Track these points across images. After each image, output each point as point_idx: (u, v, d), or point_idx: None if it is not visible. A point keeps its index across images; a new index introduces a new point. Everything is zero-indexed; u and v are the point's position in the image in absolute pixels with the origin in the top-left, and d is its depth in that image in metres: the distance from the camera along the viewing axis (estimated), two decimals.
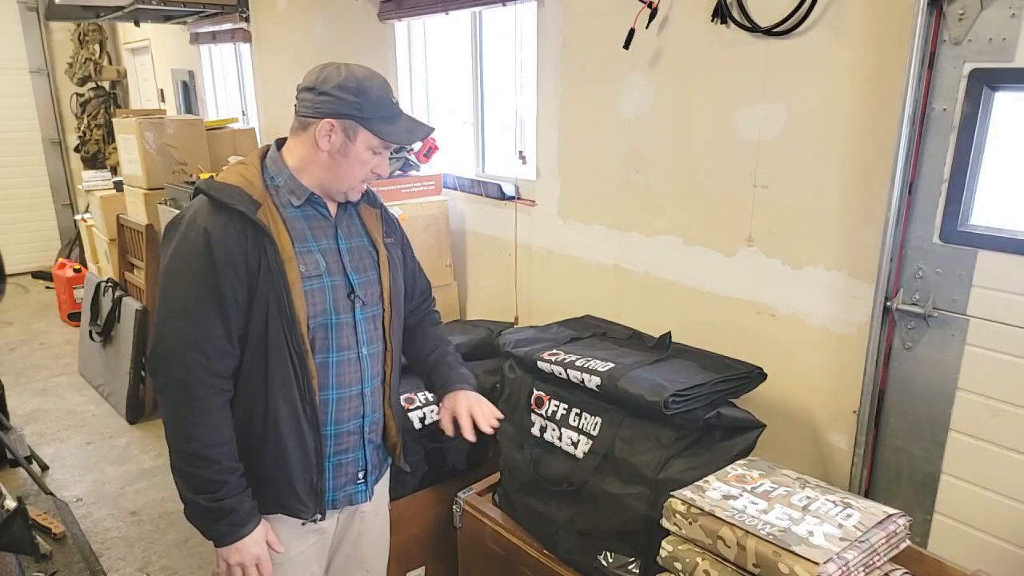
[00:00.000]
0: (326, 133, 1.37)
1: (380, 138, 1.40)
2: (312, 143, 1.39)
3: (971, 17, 1.55)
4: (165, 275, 1.36)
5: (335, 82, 1.36)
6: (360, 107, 1.36)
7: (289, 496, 1.45)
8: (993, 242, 1.60)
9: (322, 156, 1.39)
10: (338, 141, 1.38)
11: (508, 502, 2.02)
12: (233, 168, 1.43)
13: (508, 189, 2.88)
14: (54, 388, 4.24)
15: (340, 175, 1.42)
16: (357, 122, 1.37)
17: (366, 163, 1.41)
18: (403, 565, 2.28)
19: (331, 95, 1.36)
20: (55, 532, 2.32)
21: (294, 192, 1.41)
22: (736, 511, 1.39)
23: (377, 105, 1.38)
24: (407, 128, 1.44)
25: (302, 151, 1.41)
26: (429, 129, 1.48)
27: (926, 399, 1.76)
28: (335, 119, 1.36)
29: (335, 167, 1.40)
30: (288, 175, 1.41)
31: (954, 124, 1.62)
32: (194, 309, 1.32)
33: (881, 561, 1.35)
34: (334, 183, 1.43)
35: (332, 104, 1.36)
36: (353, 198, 1.47)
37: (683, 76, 2.16)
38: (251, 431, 1.41)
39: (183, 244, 1.34)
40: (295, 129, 1.42)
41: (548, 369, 1.91)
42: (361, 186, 1.46)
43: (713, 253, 2.18)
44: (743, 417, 1.73)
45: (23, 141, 6.58)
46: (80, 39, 6.64)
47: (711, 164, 2.13)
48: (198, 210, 1.35)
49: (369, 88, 1.38)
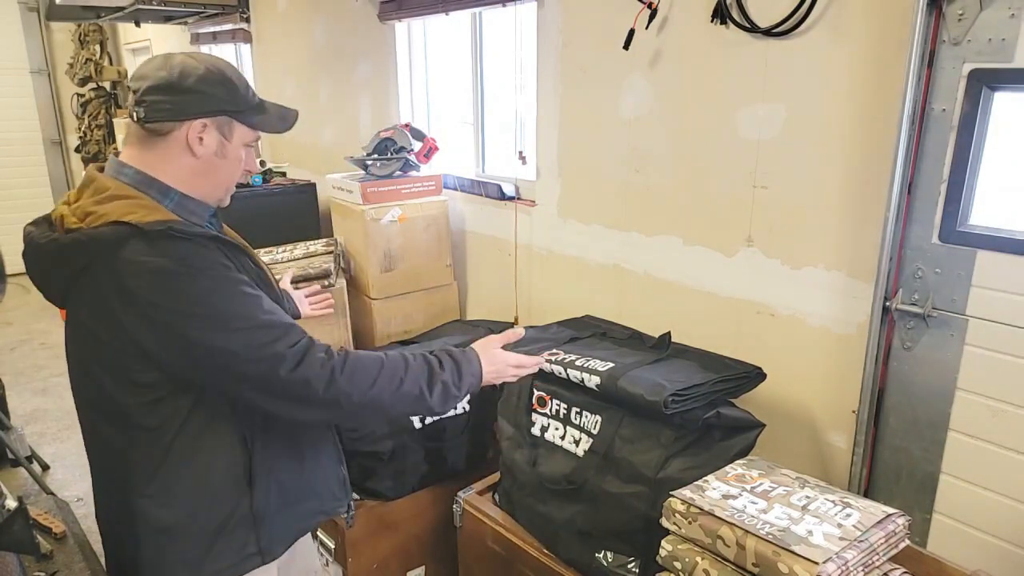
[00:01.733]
0: (197, 137, 1.19)
1: (256, 130, 1.27)
2: (180, 150, 1.20)
3: (970, 17, 1.56)
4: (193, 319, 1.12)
5: (196, 75, 1.18)
6: (231, 99, 1.21)
7: (328, 499, 1.43)
8: (992, 242, 1.60)
9: (196, 163, 1.21)
10: (213, 142, 1.21)
11: (508, 501, 2.02)
12: (126, 205, 1.15)
13: (508, 189, 2.89)
14: (54, 388, 4.24)
15: (219, 180, 1.26)
16: (231, 117, 1.22)
17: (242, 160, 1.28)
18: (403, 565, 2.28)
19: (197, 91, 1.18)
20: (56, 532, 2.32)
21: (194, 212, 1.24)
22: (735, 511, 1.39)
23: (245, 95, 1.24)
24: (279, 115, 1.31)
25: (170, 164, 1.20)
26: (295, 112, 1.35)
27: (925, 399, 1.76)
28: (208, 117, 1.20)
29: (213, 171, 1.24)
30: (178, 197, 1.22)
31: (953, 124, 1.62)
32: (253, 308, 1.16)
33: (880, 561, 1.35)
34: (212, 190, 1.27)
35: (200, 101, 1.18)
36: (226, 203, 1.33)
37: (683, 76, 2.16)
38: (281, 456, 1.31)
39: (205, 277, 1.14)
40: (145, 140, 1.20)
41: (548, 368, 1.91)
42: (233, 189, 1.33)
43: (713, 253, 2.18)
44: (743, 417, 1.73)
45: (24, 141, 6.59)
46: (81, 39, 6.64)
47: (711, 164, 2.14)
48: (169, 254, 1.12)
49: (233, 77, 1.23)
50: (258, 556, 1.29)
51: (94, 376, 1.19)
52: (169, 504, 1.22)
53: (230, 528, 1.26)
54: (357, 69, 3.74)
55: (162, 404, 1.18)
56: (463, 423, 2.28)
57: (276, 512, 1.31)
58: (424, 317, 2.99)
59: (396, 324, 2.92)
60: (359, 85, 3.75)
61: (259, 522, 1.28)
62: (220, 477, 1.24)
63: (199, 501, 1.23)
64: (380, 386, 1.21)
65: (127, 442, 1.22)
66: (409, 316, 2.96)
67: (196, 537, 1.24)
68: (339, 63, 3.88)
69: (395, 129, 3.11)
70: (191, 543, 1.24)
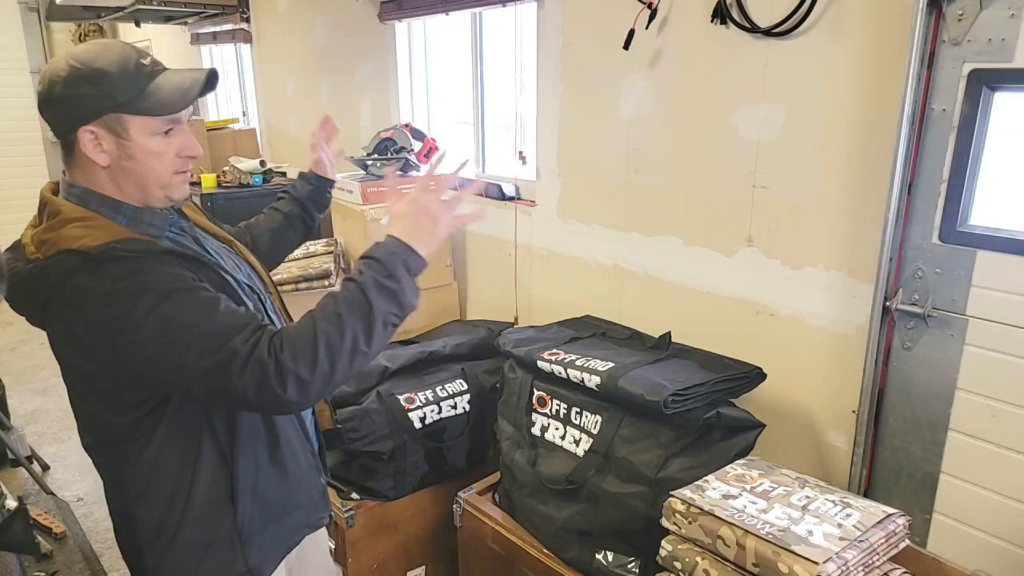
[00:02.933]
0: (94, 145, 1.09)
1: (154, 115, 1.10)
2: (88, 163, 1.10)
3: (970, 18, 1.56)
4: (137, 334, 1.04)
5: (61, 80, 1.07)
6: (107, 93, 1.07)
7: (312, 510, 1.40)
8: (992, 242, 1.60)
9: (108, 171, 1.12)
10: (112, 146, 1.10)
11: (508, 501, 2.02)
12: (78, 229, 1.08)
13: (508, 189, 2.89)
14: (55, 388, 4.24)
15: (143, 179, 1.13)
16: (116, 112, 1.08)
17: (163, 151, 1.13)
18: (403, 565, 2.28)
19: (64, 98, 1.07)
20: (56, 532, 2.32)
21: (152, 223, 1.17)
22: (735, 510, 1.40)
23: (128, 80, 1.09)
24: (177, 87, 1.12)
25: (94, 178, 1.12)
26: (208, 72, 1.15)
27: (925, 399, 1.76)
28: (89, 124, 1.08)
29: (132, 174, 1.12)
30: (130, 211, 1.15)
31: (953, 124, 1.62)
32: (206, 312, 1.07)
33: (880, 561, 1.35)
34: (144, 191, 1.15)
35: (72, 108, 1.07)
36: (178, 196, 1.20)
37: (683, 76, 2.16)
38: (262, 471, 1.26)
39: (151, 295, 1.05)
40: (65, 157, 1.13)
41: (548, 369, 1.91)
42: (181, 178, 1.19)
43: (713, 253, 2.18)
44: (742, 417, 1.73)
45: (23, 141, 6.59)
46: (81, 40, 6.64)
47: (711, 164, 2.14)
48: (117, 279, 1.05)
49: (105, 65, 1.08)
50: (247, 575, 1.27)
51: (85, 400, 1.19)
52: (157, 520, 1.21)
53: (216, 546, 1.23)
54: (357, 69, 3.74)
55: (142, 423, 1.16)
56: (463, 423, 2.28)
57: (262, 529, 1.28)
58: (424, 317, 2.99)
59: None
60: (359, 85, 3.75)
61: (245, 540, 1.25)
62: (203, 495, 1.20)
63: (184, 518, 1.21)
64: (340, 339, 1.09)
65: (117, 459, 1.21)
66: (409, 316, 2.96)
67: (185, 553, 1.22)
68: (339, 63, 3.88)
69: (395, 129, 3.11)
70: (182, 558, 1.22)
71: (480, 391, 2.32)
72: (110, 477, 1.26)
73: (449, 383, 2.30)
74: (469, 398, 2.30)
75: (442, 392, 2.26)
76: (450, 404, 2.26)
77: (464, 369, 2.37)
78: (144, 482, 1.20)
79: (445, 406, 2.25)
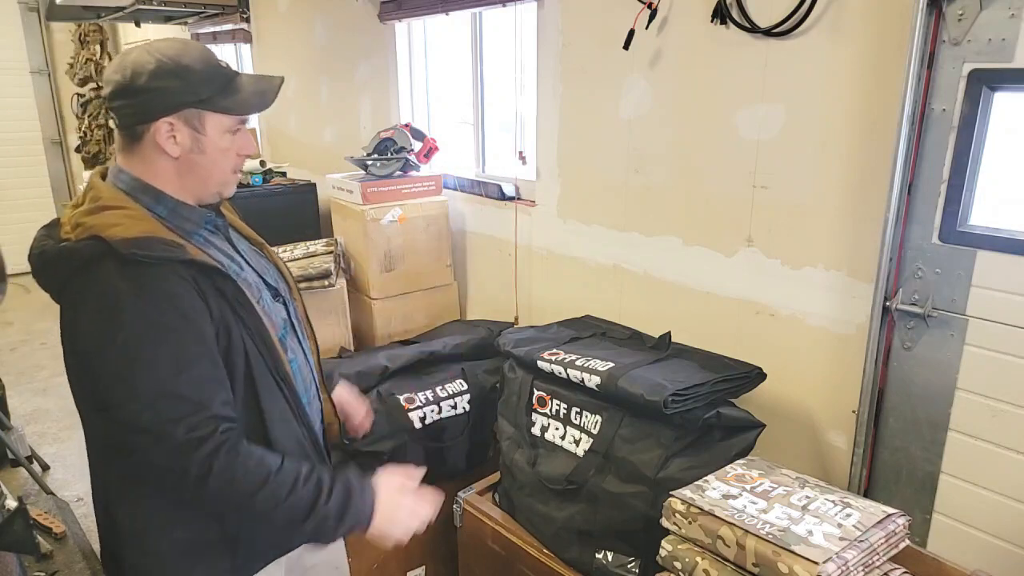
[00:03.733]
0: (169, 136, 1.14)
1: (231, 115, 1.17)
2: (157, 153, 1.15)
3: (970, 17, 1.56)
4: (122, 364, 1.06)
5: (147, 72, 1.11)
6: (190, 90, 1.12)
7: None
8: (992, 242, 1.60)
9: (176, 163, 1.16)
10: (186, 139, 1.15)
11: (508, 502, 2.02)
12: (113, 216, 1.11)
13: (508, 189, 2.89)
14: (55, 388, 4.24)
15: (206, 175, 1.19)
16: (197, 108, 1.14)
17: (228, 149, 1.19)
18: (403, 565, 2.28)
19: (150, 89, 1.11)
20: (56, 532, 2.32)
21: (188, 219, 1.20)
22: (736, 511, 1.39)
23: (210, 79, 1.14)
24: (256, 91, 1.19)
25: (152, 166, 1.16)
26: (279, 81, 1.23)
27: (925, 399, 1.76)
28: (170, 115, 1.13)
29: (198, 168, 1.17)
30: (172, 204, 1.18)
31: (953, 124, 1.62)
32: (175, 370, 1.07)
33: (880, 561, 1.35)
34: (203, 187, 1.20)
35: (157, 99, 1.11)
36: (228, 193, 1.25)
37: (683, 76, 2.16)
38: None
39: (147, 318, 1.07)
40: (126, 145, 1.16)
41: (548, 369, 1.91)
42: (235, 177, 1.25)
43: (713, 253, 2.18)
44: (742, 417, 1.73)
45: (24, 141, 6.58)
46: (81, 40, 6.64)
47: (711, 164, 2.14)
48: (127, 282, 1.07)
49: (191, 62, 1.13)
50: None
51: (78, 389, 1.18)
52: (142, 522, 1.19)
53: (203, 549, 1.22)
54: (357, 69, 3.74)
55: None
56: (463, 423, 2.28)
57: (250, 533, 1.26)
58: (424, 317, 2.99)
59: (396, 324, 2.93)
60: (359, 85, 3.75)
61: (234, 544, 1.24)
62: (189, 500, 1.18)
63: (171, 522, 1.19)
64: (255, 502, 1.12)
65: (102, 457, 1.21)
66: (409, 316, 2.96)
67: (172, 557, 1.21)
68: (339, 63, 3.88)
69: (395, 129, 3.11)
70: (169, 562, 1.21)
71: (480, 391, 2.32)
72: (94, 466, 1.25)
73: (449, 383, 2.30)
74: (469, 398, 2.30)
75: (442, 392, 2.26)
76: (450, 404, 2.26)
77: (464, 369, 2.37)
78: (128, 481, 1.18)
79: (445, 406, 2.25)
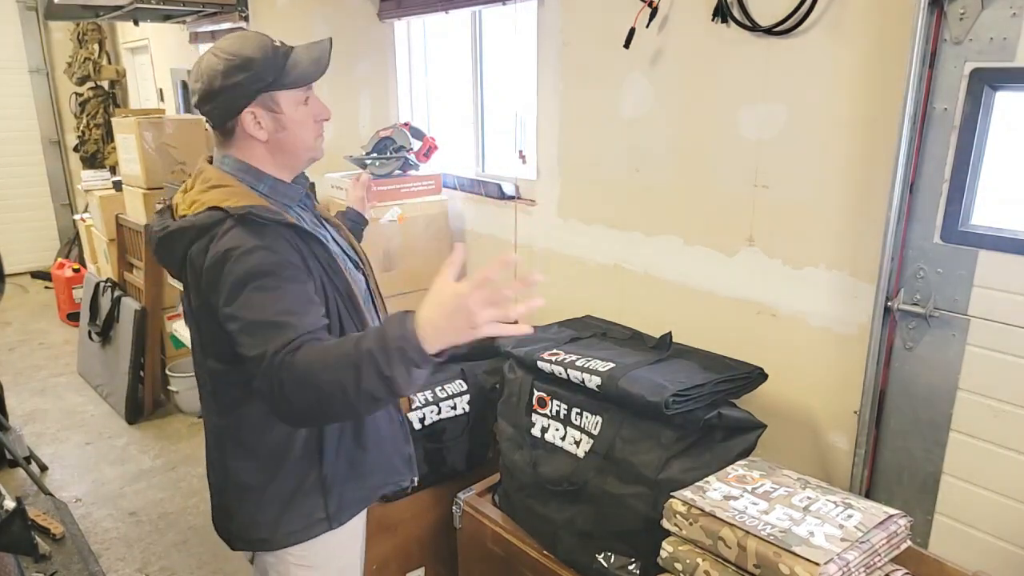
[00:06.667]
0: (255, 123, 1.29)
1: (297, 87, 1.32)
2: (249, 141, 1.31)
3: (972, 17, 1.55)
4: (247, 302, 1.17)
5: (219, 73, 1.25)
6: (258, 78, 1.26)
7: (392, 473, 1.50)
8: (994, 242, 1.60)
9: (267, 145, 1.32)
10: (269, 121, 1.30)
11: (508, 503, 2.02)
12: (222, 193, 1.27)
13: (508, 189, 2.88)
14: (53, 388, 4.24)
15: (295, 147, 1.35)
16: (268, 91, 1.28)
17: (305, 119, 1.35)
18: (403, 566, 2.27)
19: (226, 88, 1.26)
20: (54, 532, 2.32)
21: (286, 194, 1.38)
22: (737, 512, 1.39)
23: (271, 63, 1.28)
24: (311, 59, 1.34)
25: (252, 152, 1.33)
26: (328, 42, 1.37)
27: (927, 399, 1.76)
28: (250, 106, 1.28)
29: (286, 144, 1.34)
30: (271, 181, 1.35)
31: (955, 124, 1.62)
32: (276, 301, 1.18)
33: (882, 562, 1.35)
34: (295, 159, 1.37)
35: (234, 96, 1.26)
36: (319, 155, 1.42)
37: (684, 75, 2.16)
38: (346, 434, 1.38)
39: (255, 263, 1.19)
40: (224, 141, 1.33)
41: (548, 369, 1.90)
42: (320, 141, 1.41)
43: (714, 253, 2.18)
44: (744, 417, 1.73)
45: (22, 140, 6.57)
46: (79, 38, 6.63)
47: (711, 164, 2.13)
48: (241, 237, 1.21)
49: (251, 53, 1.26)
50: (325, 521, 1.39)
51: (201, 352, 1.34)
52: (250, 469, 1.35)
53: (302, 493, 1.36)
54: (357, 68, 3.73)
55: (244, 381, 1.23)
56: (463, 424, 2.28)
57: (344, 482, 1.39)
58: None
59: None
60: (359, 84, 3.74)
61: (328, 490, 1.37)
62: (294, 449, 1.34)
63: (275, 469, 1.34)
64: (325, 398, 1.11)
65: (218, 411, 1.36)
66: None
67: (272, 499, 1.36)
68: (338, 62, 3.82)
69: (394, 128, 3.10)
70: (268, 504, 1.36)
71: (480, 392, 2.31)
72: (210, 419, 1.40)
73: (449, 384, 2.29)
74: (469, 399, 2.29)
75: (441, 393, 2.26)
76: (450, 405, 2.25)
77: (464, 370, 2.36)
78: (242, 432, 1.34)
79: (445, 407, 2.24)
